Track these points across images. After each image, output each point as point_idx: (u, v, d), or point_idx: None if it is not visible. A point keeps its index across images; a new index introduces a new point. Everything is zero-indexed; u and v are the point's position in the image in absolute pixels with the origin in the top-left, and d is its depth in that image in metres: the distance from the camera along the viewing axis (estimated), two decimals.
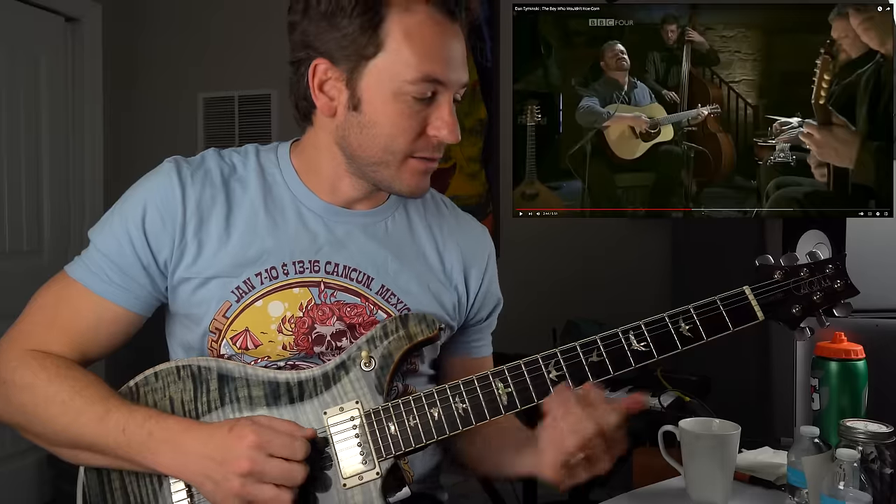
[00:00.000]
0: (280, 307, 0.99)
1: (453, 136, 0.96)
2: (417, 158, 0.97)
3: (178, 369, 0.95)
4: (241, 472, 0.84)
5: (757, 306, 0.95)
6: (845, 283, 0.96)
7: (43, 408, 0.93)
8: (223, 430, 0.87)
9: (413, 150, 0.96)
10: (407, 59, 0.92)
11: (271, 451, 0.85)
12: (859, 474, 0.85)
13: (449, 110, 0.96)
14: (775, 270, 0.96)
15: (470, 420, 0.92)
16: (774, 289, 0.96)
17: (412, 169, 0.98)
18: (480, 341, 1.17)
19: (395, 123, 0.94)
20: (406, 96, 0.93)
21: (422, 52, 0.92)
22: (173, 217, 0.98)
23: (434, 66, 0.92)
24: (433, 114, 0.95)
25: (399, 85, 0.93)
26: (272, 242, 1.00)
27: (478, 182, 3.15)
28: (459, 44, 0.96)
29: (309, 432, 0.89)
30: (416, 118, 0.95)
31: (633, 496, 1.11)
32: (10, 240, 3.02)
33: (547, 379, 0.92)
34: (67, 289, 0.99)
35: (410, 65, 0.92)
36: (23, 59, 3.06)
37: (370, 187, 1.03)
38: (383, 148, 0.96)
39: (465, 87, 0.99)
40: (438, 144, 0.98)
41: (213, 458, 0.86)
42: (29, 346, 0.97)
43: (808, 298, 0.96)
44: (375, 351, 0.95)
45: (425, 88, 0.93)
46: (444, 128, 0.96)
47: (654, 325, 0.94)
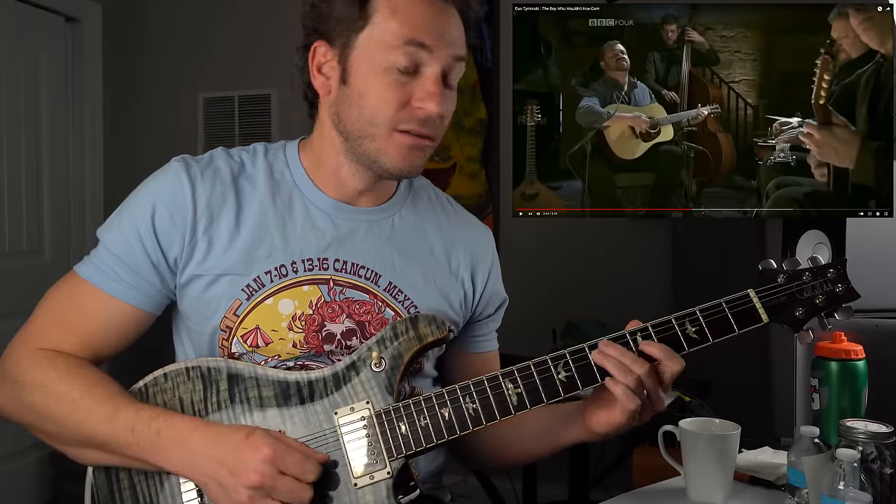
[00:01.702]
0: (290, 305, 1.00)
1: (437, 107, 0.95)
2: (402, 132, 0.96)
3: (188, 370, 0.96)
4: (250, 485, 0.84)
5: (762, 309, 0.96)
6: (847, 287, 0.97)
7: (54, 407, 0.93)
8: (239, 436, 0.87)
9: (397, 121, 0.96)
10: (392, 28, 0.93)
11: (283, 468, 0.85)
12: (859, 474, 0.85)
13: (434, 81, 0.95)
14: (778, 274, 0.98)
15: (480, 420, 0.92)
16: (778, 292, 0.97)
17: (397, 143, 0.97)
18: (485, 336, 1.18)
19: (379, 94, 0.95)
20: (391, 66, 0.94)
21: (406, 20, 0.93)
22: (183, 215, 0.98)
23: (417, 32, 0.93)
24: (418, 85, 0.95)
25: (383, 54, 0.94)
26: (281, 240, 1.01)
27: (478, 182, 3.15)
28: (449, 18, 0.96)
29: (322, 457, 0.89)
30: (401, 89, 0.94)
31: (633, 496, 1.11)
32: (10, 239, 3.02)
33: (556, 379, 0.93)
34: (77, 288, 1.00)
35: (395, 32, 0.93)
36: (23, 59, 3.06)
37: (370, 175, 1.03)
38: (368, 120, 0.96)
39: (459, 65, 0.97)
40: (425, 118, 0.96)
41: (224, 464, 0.86)
42: (40, 345, 0.97)
43: (810, 302, 0.97)
44: (386, 352, 0.96)
45: (409, 54, 0.93)
46: (427, 99, 0.94)
47: (661, 326, 0.95)
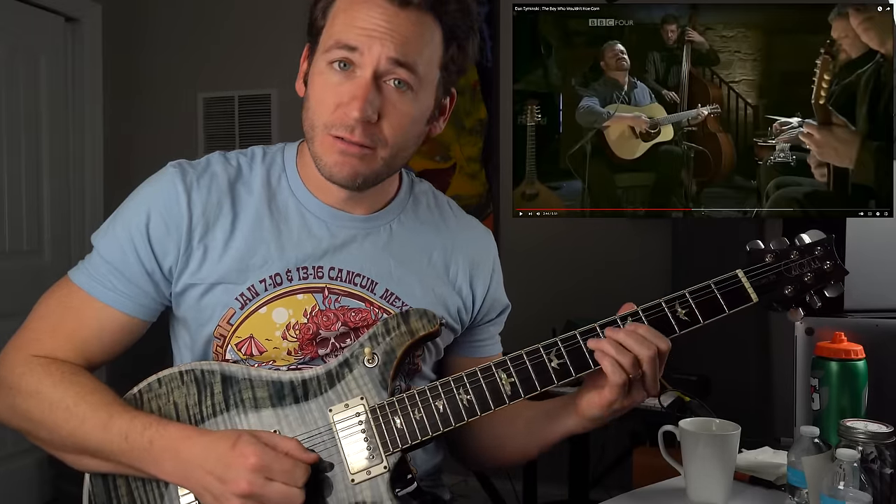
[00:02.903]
0: (284, 314, 0.99)
1: (356, 111, 0.91)
2: (332, 136, 0.95)
3: (182, 374, 0.95)
4: (240, 493, 0.84)
5: (750, 288, 0.96)
6: (835, 265, 0.97)
7: (48, 414, 0.93)
8: (226, 445, 0.86)
9: (330, 125, 0.94)
10: (332, 30, 0.94)
11: (271, 475, 0.85)
12: (859, 474, 0.85)
13: (360, 84, 0.92)
14: (766, 254, 0.98)
15: (475, 411, 0.92)
16: (766, 271, 0.97)
17: (328, 146, 0.95)
18: (487, 341, 1.17)
19: (317, 95, 0.95)
20: (327, 69, 0.94)
21: (343, 22, 0.93)
22: (178, 224, 0.98)
23: (348, 34, 0.92)
24: (347, 89, 0.93)
25: (321, 55, 0.95)
26: (276, 249, 1.00)
27: (478, 182, 3.15)
28: (397, 21, 0.92)
29: (311, 457, 0.88)
30: (333, 91, 0.94)
31: (633, 496, 1.11)
32: (10, 239, 3.02)
33: (549, 367, 0.93)
34: (71, 296, 0.99)
35: (331, 35, 0.94)
36: (23, 59, 3.06)
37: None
38: (311, 122, 0.97)
39: (400, 70, 0.93)
40: (355, 123, 0.93)
41: (213, 474, 0.86)
42: (34, 352, 0.97)
43: (799, 280, 0.97)
44: (378, 347, 0.95)
45: (336, 55, 0.93)
46: (349, 101, 0.92)
47: (652, 310, 0.96)
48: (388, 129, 0.95)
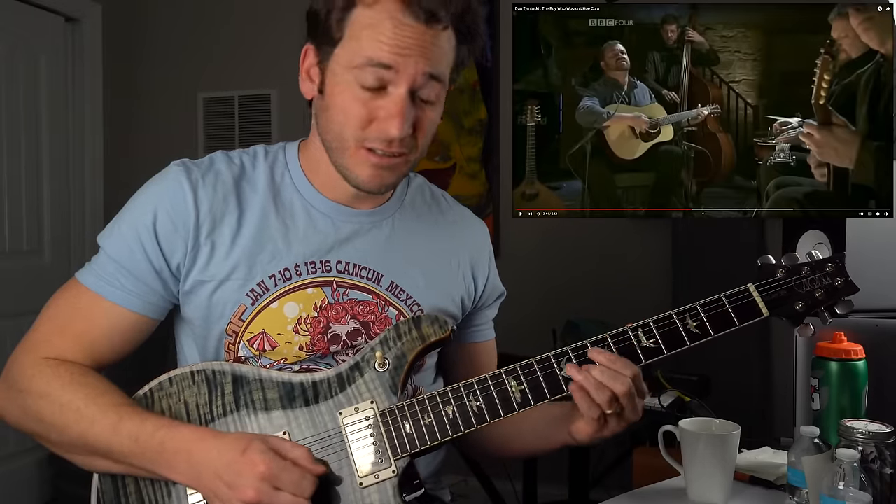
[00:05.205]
0: (295, 308, 1.00)
1: (396, 130, 0.92)
2: (367, 150, 0.96)
3: (193, 374, 0.96)
4: (247, 500, 0.84)
5: (762, 303, 0.97)
6: (845, 281, 0.98)
7: (59, 415, 0.93)
8: (236, 450, 0.86)
9: (363, 139, 0.95)
10: (358, 47, 0.92)
11: (279, 484, 0.85)
12: (859, 474, 0.85)
13: (398, 102, 0.92)
14: (777, 269, 0.99)
15: (484, 417, 0.93)
16: (778, 286, 0.98)
17: (362, 159, 0.96)
18: (483, 325, 1.20)
19: (344, 110, 0.95)
20: (355, 83, 0.93)
21: (372, 38, 0.92)
22: (185, 221, 0.98)
23: (381, 52, 0.91)
24: (383, 105, 0.93)
25: (350, 71, 0.93)
26: (284, 244, 1.01)
27: (478, 182, 3.15)
28: (424, 37, 0.92)
29: (319, 469, 0.88)
30: (365, 107, 0.93)
31: (633, 496, 1.11)
32: (10, 239, 3.02)
33: (559, 376, 0.94)
34: (79, 297, 0.99)
35: (359, 51, 0.92)
36: (23, 59, 3.06)
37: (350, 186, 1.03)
38: (337, 134, 0.96)
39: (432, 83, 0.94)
40: (391, 139, 0.94)
41: (223, 479, 0.86)
42: (43, 354, 0.97)
43: (810, 295, 0.98)
44: (389, 352, 0.96)
45: (371, 75, 0.92)
46: (388, 120, 0.93)
47: (663, 322, 0.96)
48: (420, 137, 0.98)
